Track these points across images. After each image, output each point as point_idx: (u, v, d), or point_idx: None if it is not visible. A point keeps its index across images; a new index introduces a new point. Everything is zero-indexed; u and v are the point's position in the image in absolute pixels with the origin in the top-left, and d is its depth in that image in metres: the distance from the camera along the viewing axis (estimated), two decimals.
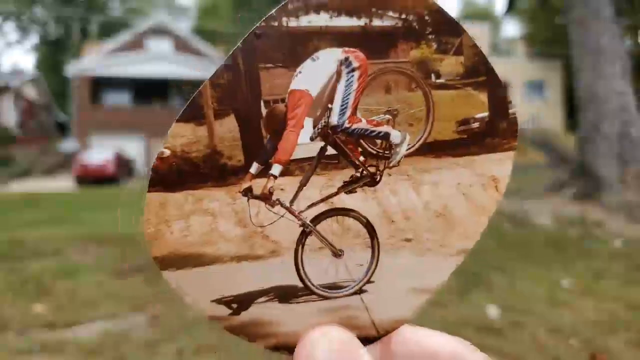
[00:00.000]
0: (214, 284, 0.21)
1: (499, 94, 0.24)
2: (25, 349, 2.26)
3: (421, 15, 0.22)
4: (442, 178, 0.24)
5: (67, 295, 2.91)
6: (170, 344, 2.26)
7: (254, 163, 0.21)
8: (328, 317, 0.22)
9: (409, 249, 0.24)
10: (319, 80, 0.22)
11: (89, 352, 2.20)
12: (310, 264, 0.22)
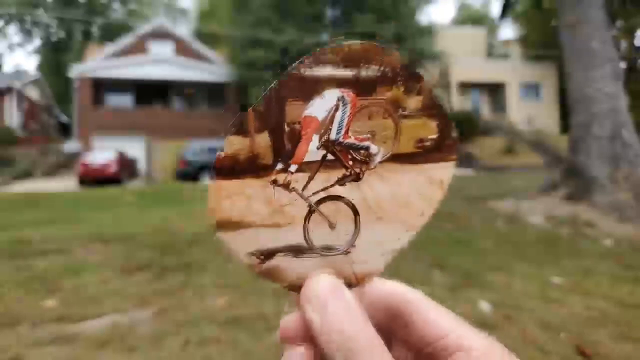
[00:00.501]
0: (249, 242, 0.33)
1: (445, 122, 0.35)
2: (38, 341, 2.37)
3: (394, 68, 0.34)
4: (404, 178, 0.36)
5: (75, 291, 3.02)
6: (176, 336, 2.38)
7: (279, 163, 0.33)
8: (324, 268, 0.33)
9: (379, 224, 0.35)
10: (324, 110, 0.33)
11: (99, 343, 2.31)
12: (313, 232, 0.34)
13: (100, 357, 2.17)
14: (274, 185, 0.32)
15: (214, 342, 2.31)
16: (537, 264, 3.78)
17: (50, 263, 3.60)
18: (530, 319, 2.84)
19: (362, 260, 0.34)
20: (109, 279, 3.21)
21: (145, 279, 3.19)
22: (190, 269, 3.38)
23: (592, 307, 3.02)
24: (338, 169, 0.34)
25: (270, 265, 0.33)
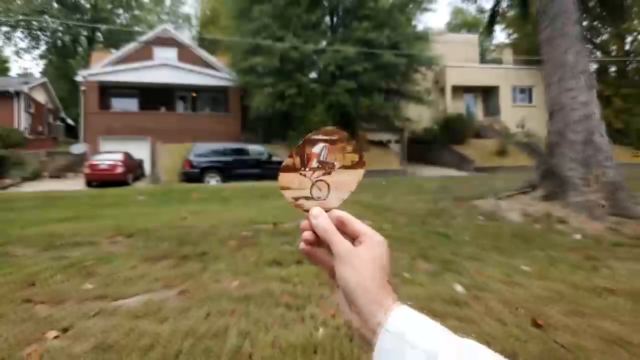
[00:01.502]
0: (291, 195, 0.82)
1: (361, 154, 0.86)
2: (85, 314, 2.90)
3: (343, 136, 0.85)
4: (346, 175, 0.86)
5: (109, 276, 3.54)
6: (199, 309, 2.90)
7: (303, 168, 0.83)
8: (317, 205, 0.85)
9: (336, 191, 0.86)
10: (318, 149, 0.84)
11: (136, 315, 2.84)
12: (313, 192, 0.83)
13: (138, 325, 2.69)
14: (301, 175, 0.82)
15: (230, 314, 2.83)
16: (509, 254, 4.29)
17: (82, 253, 4.13)
18: (495, 298, 3.35)
19: (330, 203, 0.85)
20: (136, 266, 3.74)
21: (167, 266, 3.72)
22: (206, 258, 3.91)
23: (550, 289, 3.53)
24: (322, 170, 0.85)
25: (297, 203, 0.84)
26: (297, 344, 2.38)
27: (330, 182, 0.77)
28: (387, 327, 0.54)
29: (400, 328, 0.53)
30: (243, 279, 3.40)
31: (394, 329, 0.54)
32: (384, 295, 0.57)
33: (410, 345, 0.51)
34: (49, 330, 2.59)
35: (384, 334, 0.54)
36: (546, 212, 5.53)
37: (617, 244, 4.73)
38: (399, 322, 0.54)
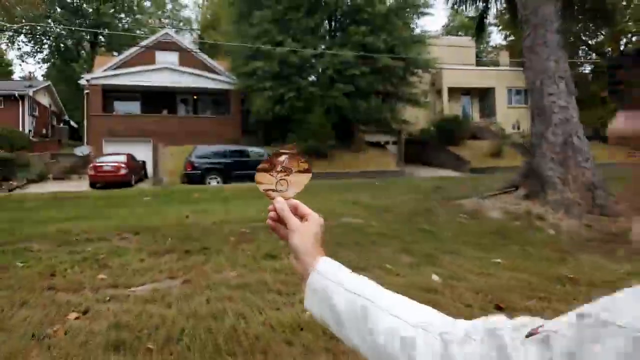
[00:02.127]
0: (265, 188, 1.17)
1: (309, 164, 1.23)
2: (100, 299, 3.27)
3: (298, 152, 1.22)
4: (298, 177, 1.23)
5: (120, 268, 3.93)
6: (200, 295, 3.28)
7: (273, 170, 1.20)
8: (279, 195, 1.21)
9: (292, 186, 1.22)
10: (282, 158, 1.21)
11: (145, 301, 3.21)
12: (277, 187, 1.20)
13: (147, 309, 3.07)
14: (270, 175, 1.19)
15: (228, 299, 3.20)
16: (486, 249, 4.66)
17: (95, 248, 4.51)
18: (467, 286, 3.71)
19: (288, 194, 1.21)
20: (144, 259, 4.12)
21: (172, 259, 4.10)
22: (208, 252, 4.29)
23: (519, 278, 3.90)
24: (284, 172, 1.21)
25: (267, 193, 1.19)
26: (285, 323, 2.76)
27: (289, 180, 1.13)
28: (315, 269, 0.91)
29: (323, 269, 0.90)
30: (241, 270, 3.78)
31: (320, 269, 0.90)
32: (317, 253, 0.93)
33: (325, 278, 0.87)
34: (70, 313, 2.97)
35: (312, 274, 0.90)
36: (526, 210, 5.90)
37: (589, 240, 5.10)
38: (322, 266, 0.90)
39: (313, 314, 0.84)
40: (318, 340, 2.53)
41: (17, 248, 4.60)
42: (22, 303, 3.12)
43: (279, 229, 1.00)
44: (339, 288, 0.79)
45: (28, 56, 47.47)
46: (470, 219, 5.91)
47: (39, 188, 18.69)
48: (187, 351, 2.42)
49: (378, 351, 0.66)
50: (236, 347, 2.47)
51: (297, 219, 0.96)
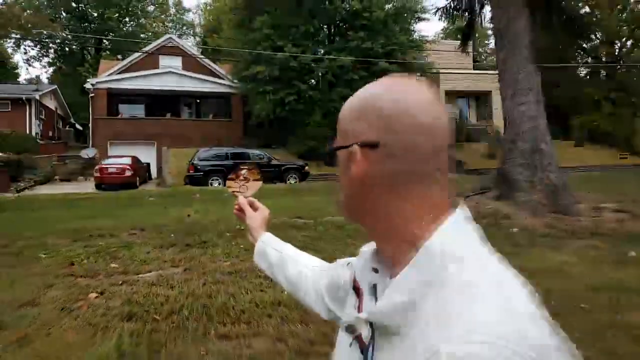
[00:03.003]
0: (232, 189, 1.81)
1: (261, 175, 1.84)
2: (113, 283, 3.91)
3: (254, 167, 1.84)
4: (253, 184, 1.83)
5: (129, 258, 4.57)
6: (198, 280, 3.91)
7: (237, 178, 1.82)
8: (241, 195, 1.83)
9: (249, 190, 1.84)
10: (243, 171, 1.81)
11: (151, 284, 3.84)
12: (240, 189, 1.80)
13: (154, 290, 3.70)
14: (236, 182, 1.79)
15: (222, 283, 3.84)
16: None
17: (106, 243, 5.16)
18: None
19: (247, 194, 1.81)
20: (150, 252, 4.76)
21: (175, 251, 4.74)
22: (206, 245, 4.93)
23: None
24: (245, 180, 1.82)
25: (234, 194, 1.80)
26: (267, 300, 3.39)
27: (247, 186, 1.74)
28: (259, 240, 1.52)
29: (264, 239, 1.51)
30: (234, 260, 4.42)
31: (262, 239, 1.51)
32: (262, 230, 1.54)
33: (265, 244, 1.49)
34: (90, 293, 3.61)
35: (258, 242, 1.52)
36: (495, 210, 6.51)
37: (545, 235, 5.70)
38: (264, 237, 1.52)
39: (258, 264, 1.46)
40: (293, 313, 3.15)
41: (39, 242, 5.25)
42: (50, 285, 3.76)
43: (241, 216, 1.62)
44: (271, 249, 1.40)
45: (34, 60, 48.23)
46: None
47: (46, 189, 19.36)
48: (186, 321, 3.05)
49: (290, 282, 1.27)
50: (226, 318, 3.10)
51: (251, 210, 1.58)
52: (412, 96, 0.59)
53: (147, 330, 2.89)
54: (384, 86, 0.62)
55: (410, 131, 0.57)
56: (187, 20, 61.80)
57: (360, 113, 0.61)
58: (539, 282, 3.49)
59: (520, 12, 7.37)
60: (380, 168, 0.58)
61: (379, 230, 0.62)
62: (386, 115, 0.58)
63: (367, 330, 0.60)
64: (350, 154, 0.60)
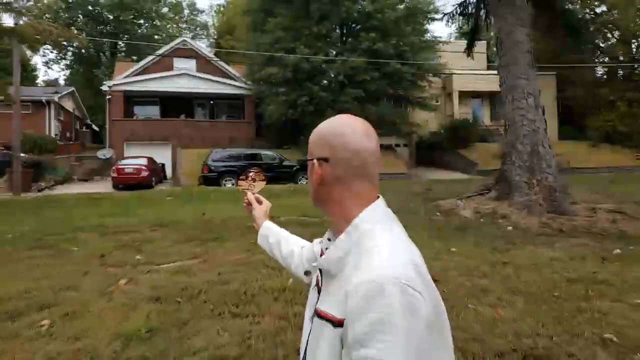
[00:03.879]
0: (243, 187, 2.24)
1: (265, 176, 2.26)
2: (139, 272, 4.38)
3: (260, 170, 2.26)
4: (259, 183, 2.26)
5: (152, 251, 5.04)
6: (214, 271, 4.35)
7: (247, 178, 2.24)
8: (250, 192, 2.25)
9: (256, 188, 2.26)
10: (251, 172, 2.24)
11: (173, 273, 4.30)
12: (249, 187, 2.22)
13: (176, 278, 4.15)
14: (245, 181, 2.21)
15: (234, 272, 4.28)
16: (447, 240, 5.65)
17: (131, 238, 5.64)
18: None
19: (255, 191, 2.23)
20: (171, 245, 5.23)
21: (193, 245, 5.20)
22: (220, 240, 5.38)
23: (462, 262, 4.84)
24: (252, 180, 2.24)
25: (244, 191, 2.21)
26: (275, 287, 3.82)
27: (255, 184, 2.15)
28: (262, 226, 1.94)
29: (265, 226, 1.92)
30: (245, 253, 4.87)
31: (264, 226, 1.93)
32: (264, 219, 1.96)
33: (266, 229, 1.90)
34: (120, 280, 4.07)
35: (261, 228, 1.93)
36: (493, 210, 6.86)
37: (539, 234, 6.05)
38: (265, 224, 1.93)
39: (261, 245, 1.87)
40: (296, 298, 3.57)
41: (70, 237, 5.76)
42: (85, 273, 4.24)
43: (249, 208, 2.03)
44: (271, 232, 1.80)
45: (53, 63, 49.31)
46: (443, 216, 6.91)
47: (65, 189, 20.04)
48: (204, 303, 3.50)
49: (284, 258, 1.69)
50: (238, 301, 3.53)
51: (257, 203, 1.99)
52: (347, 130, 1.02)
53: (171, 310, 3.35)
54: (331, 123, 1.05)
55: (345, 152, 0.99)
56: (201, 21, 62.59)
57: (319, 140, 1.04)
58: (524, 274, 3.85)
59: (521, 21, 7.71)
60: (329, 172, 1.00)
61: (330, 212, 1.04)
62: (331, 142, 1.00)
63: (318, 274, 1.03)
64: (313, 164, 1.02)
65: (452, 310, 3.32)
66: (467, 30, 11.15)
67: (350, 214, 0.99)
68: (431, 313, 0.85)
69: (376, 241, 0.92)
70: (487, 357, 2.67)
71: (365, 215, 0.97)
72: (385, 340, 0.79)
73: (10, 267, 4.52)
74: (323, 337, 0.95)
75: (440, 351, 0.89)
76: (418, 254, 0.95)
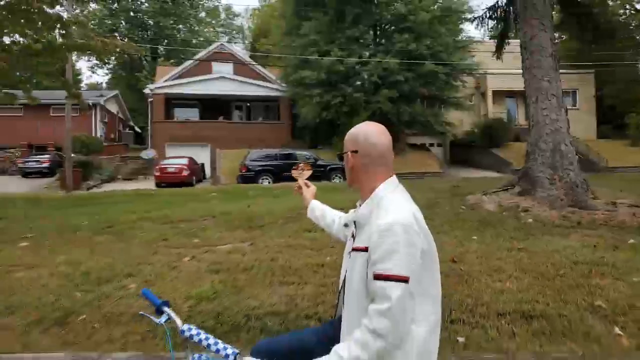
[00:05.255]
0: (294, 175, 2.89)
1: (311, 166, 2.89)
2: (199, 252, 5.12)
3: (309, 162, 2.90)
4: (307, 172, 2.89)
5: (208, 236, 5.79)
6: (261, 250, 5.05)
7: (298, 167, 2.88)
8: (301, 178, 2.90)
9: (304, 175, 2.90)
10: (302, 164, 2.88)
11: (228, 252, 5.02)
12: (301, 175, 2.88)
13: (230, 257, 4.86)
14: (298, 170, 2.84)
15: (280, 253, 4.96)
16: (470, 230, 6.15)
17: (186, 226, 6.43)
18: (442, 252, 5.23)
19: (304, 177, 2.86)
20: (222, 232, 5.98)
21: (241, 232, 5.94)
22: (264, 228, 6.10)
23: (482, 248, 5.34)
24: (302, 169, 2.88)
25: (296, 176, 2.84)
26: (314, 263, 4.48)
27: (303, 173, 2.79)
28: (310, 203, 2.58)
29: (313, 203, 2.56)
30: (287, 238, 5.56)
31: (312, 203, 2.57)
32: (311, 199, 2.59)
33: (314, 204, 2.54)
34: (183, 258, 4.82)
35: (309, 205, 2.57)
36: (516, 204, 7.31)
37: (558, 226, 6.47)
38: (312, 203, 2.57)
39: (310, 217, 2.51)
40: (332, 273, 4.21)
41: (133, 226, 6.60)
42: (154, 252, 5.02)
43: (300, 191, 2.66)
44: (317, 206, 2.44)
45: (97, 67, 51.69)
46: (468, 210, 7.41)
47: (111, 187, 21.35)
48: (257, 275, 4.19)
49: (328, 225, 2.34)
50: (284, 273, 4.21)
51: (306, 187, 2.62)
52: (368, 131, 1.66)
53: (230, 280, 4.06)
54: (358, 127, 1.70)
55: (367, 146, 1.63)
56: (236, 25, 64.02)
57: (350, 138, 1.69)
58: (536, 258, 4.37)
59: (545, 26, 8.11)
60: (358, 160, 1.64)
61: (360, 187, 1.69)
62: (358, 139, 1.65)
63: (353, 225, 1.68)
64: (347, 155, 1.67)
65: (467, 282, 3.90)
66: (496, 35, 11.52)
67: (373, 186, 1.63)
68: (424, 245, 1.48)
69: (389, 202, 1.57)
70: (491, 316, 3.25)
71: (382, 187, 1.62)
72: (393, 259, 1.43)
73: (91, 247, 5.36)
74: (356, 261, 1.60)
75: (425, 271, 1.53)
76: (417, 210, 1.59)
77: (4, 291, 3.95)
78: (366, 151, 1.66)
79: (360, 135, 1.69)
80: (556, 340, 2.95)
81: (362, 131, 1.70)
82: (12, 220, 7.48)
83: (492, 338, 2.98)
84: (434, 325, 1.59)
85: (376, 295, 1.49)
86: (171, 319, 2.02)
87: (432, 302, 1.59)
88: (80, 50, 7.63)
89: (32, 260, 4.83)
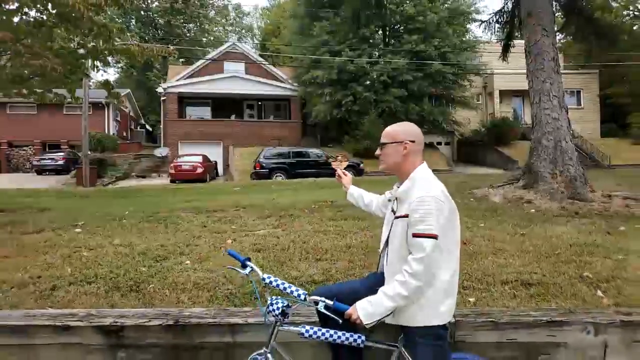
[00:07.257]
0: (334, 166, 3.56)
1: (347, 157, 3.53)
2: (240, 235, 5.80)
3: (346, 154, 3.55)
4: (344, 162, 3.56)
5: (242, 224, 6.48)
6: (292, 235, 5.72)
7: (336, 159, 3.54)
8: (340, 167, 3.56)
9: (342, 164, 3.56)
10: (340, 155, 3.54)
11: (264, 236, 5.70)
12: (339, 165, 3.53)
13: (266, 239, 5.54)
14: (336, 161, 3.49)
15: (310, 237, 5.63)
16: (476, 218, 6.79)
17: (221, 215, 7.12)
18: None
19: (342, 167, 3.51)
20: (255, 220, 6.67)
21: (272, 220, 6.62)
22: (292, 217, 6.78)
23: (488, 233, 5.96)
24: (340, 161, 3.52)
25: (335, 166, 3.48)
26: (341, 245, 5.15)
27: (342, 163, 3.45)
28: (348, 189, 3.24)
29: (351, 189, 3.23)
30: (314, 225, 6.24)
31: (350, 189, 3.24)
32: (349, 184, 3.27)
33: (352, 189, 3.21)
34: (226, 240, 5.51)
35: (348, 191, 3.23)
36: (519, 197, 7.95)
37: (557, 215, 7.11)
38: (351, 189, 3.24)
39: (350, 201, 3.19)
40: (358, 253, 4.88)
41: (171, 215, 7.29)
42: (198, 237, 5.71)
43: (339, 180, 3.34)
44: (355, 191, 3.13)
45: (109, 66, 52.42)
46: (475, 201, 8.06)
47: (126, 184, 22.10)
48: (294, 254, 4.86)
49: (366, 205, 3.02)
50: (316, 252, 4.89)
51: (344, 176, 3.30)
52: (415, 127, 2.40)
53: (271, 257, 4.74)
54: (405, 124, 2.44)
55: (417, 137, 2.35)
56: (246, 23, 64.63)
57: (404, 131, 2.39)
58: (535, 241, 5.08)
59: (547, 31, 8.73)
60: (411, 148, 2.33)
61: (400, 172, 2.37)
62: (414, 132, 2.39)
63: (395, 201, 2.37)
64: (402, 144, 2.34)
65: (475, 258, 4.57)
66: (503, 38, 12.12)
67: (412, 169, 2.31)
68: (450, 212, 2.17)
69: (423, 182, 2.25)
70: (496, 284, 3.90)
71: (418, 169, 2.30)
72: (426, 222, 2.11)
73: (139, 232, 6.06)
74: (398, 226, 2.28)
75: (451, 230, 2.21)
76: (444, 187, 2.27)
77: (79, 266, 4.64)
78: (420, 141, 2.37)
79: (414, 129, 2.42)
80: (550, 301, 3.60)
81: (412, 127, 2.44)
82: (57, 210, 8.19)
83: (496, 299, 3.64)
84: (454, 271, 2.27)
85: (414, 248, 2.19)
86: (254, 270, 2.73)
87: (454, 255, 2.28)
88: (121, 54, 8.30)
89: (91, 243, 5.53)
